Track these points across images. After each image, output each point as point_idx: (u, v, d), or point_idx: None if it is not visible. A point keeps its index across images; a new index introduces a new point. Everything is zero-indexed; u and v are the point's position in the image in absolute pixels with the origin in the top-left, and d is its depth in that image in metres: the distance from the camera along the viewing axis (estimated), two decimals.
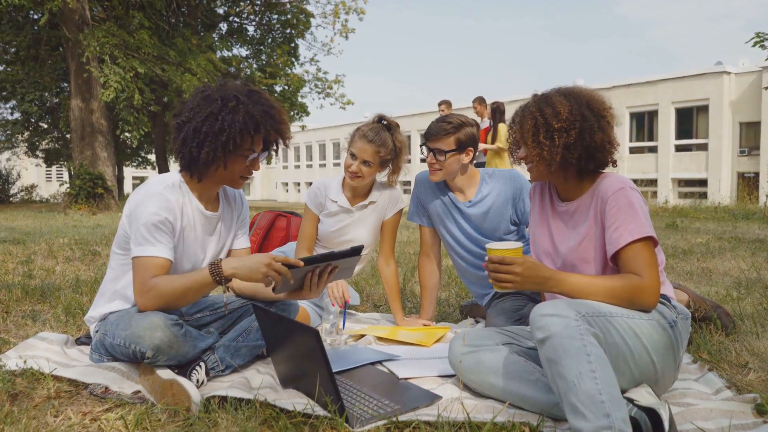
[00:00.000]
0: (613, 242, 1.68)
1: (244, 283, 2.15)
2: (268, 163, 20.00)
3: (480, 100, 8.66)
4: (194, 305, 2.16)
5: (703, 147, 23.45)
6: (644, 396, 1.59)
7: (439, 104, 9.11)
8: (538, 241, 1.96)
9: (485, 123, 8.44)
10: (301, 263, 1.86)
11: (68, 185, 14.19)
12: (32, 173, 37.40)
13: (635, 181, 24.08)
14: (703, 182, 23.40)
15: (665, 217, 9.91)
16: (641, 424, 1.49)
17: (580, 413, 1.38)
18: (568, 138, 1.71)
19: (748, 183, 21.50)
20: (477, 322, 2.89)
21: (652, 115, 24.78)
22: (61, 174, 37.26)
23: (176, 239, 2.02)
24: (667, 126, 24.16)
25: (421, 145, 2.65)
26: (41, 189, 28.57)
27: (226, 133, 1.94)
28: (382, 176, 2.78)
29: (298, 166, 44.05)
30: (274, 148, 2.12)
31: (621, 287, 1.62)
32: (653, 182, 24.20)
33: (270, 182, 48.21)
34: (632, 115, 25.35)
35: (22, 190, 22.93)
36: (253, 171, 2.09)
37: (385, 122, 2.67)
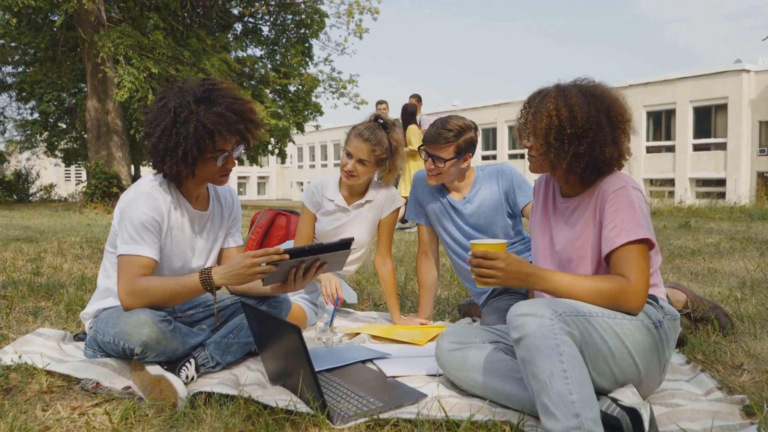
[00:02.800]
0: (609, 241, 1.63)
1: None
2: (283, 161, 20.01)
3: (418, 98, 8.56)
4: (187, 302, 2.18)
5: (722, 146, 23.13)
6: (628, 396, 1.59)
7: (378, 104, 8.87)
8: (538, 237, 1.91)
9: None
10: (282, 252, 1.86)
11: (85, 184, 14.38)
12: (51, 173, 37.98)
13: (652, 180, 23.84)
14: (721, 182, 23.08)
15: (679, 217, 9.80)
16: (622, 423, 1.49)
17: (551, 413, 1.38)
18: (578, 147, 1.65)
19: (766, 183, 21.16)
20: (473, 320, 2.88)
21: (670, 113, 24.50)
22: (80, 173, 37.78)
23: (164, 238, 2.05)
24: (684, 125, 23.87)
25: (419, 148, 2.65)
26: (60, 188, 29.00)
27: (182, 147, 1.93)
28: (378, 175, 2.79)
29: (312, 166, 44.23)
30: (246, 143, 2.06)
31: (605, 289, 1.59)
32: (670, 182, 23.92)
33: (285, 182, 48.46)
34: (649, 114, 25.08)
35: (41, 190, 23.30)
36: (231, 167, 2.08)
37: (381, 121, 2.68)
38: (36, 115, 19.79)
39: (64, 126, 20.50)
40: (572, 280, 1.63)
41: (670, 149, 24.50)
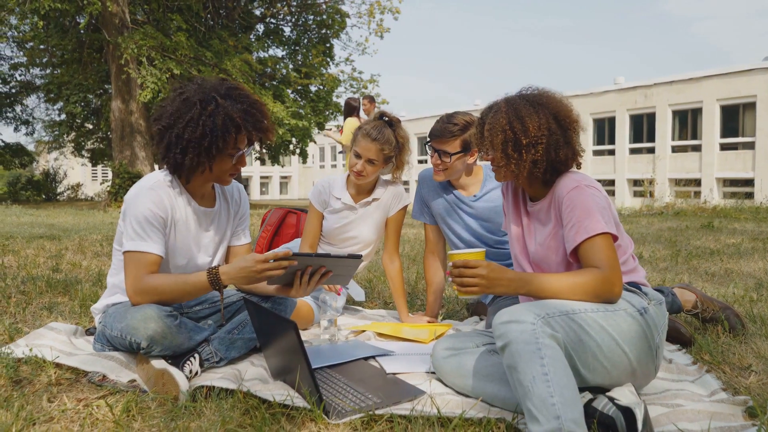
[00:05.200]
0: (570, 240, 1.70)
1: None
2: (304, 161, 20.05)
3: (370, 99, 8.59)
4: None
5: (750, 145, 22.64)
6: (626, 395, 1.58)
7: (363, 98, 8.80)
8: (514, 240, 1.97)
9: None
10: (291, 254, 1.88)
11: (109, 184, 14.66)
12: (78, 172, 38.74)
13: (677, 180, 23.44)
14: (749, 182, 22.59)
15: (703, 217, 9.63)
16: (617, 423, 1.48)
17: (534, 417, 1.39)
18: (535, 154, 1.75)
19: None
20: (481, 319, 2.88)
21: (696, 112, 24.05)
22: (106, 173, 38.45)
23: (168, 234, 2.07)
24: (711, 124, 23.42)
25: (425, 144, 2.66)
26: (87, 188, 29.59)
27: (208, 138, 1.95)
28: (386, 173, 2.80)
29: (334, 166, 44.40)
30: (259, 144, 2.11)
31: (584, 282, 1.62)
32: (697, 182, 23.48)
33: (307, 181, 48.73)
34: (675, 113, 24.66)
35: (68, 189, 23.80)
36: (242, 166, 2.11)
37: (387, 118, 2.69)
38: (63, 116, 20.22)
39: (91, 126, 20.90)
40: (553, 279, 1.65)
41: (696, 149, 24.06)
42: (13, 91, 21.86)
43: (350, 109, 7.91)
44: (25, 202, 18.53)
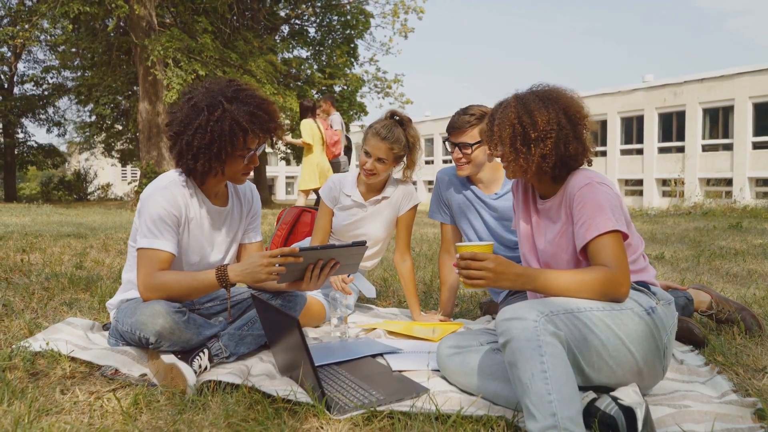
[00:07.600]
0: (580, 237, 1.68)
1: None
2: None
3: (327, 99, 8.61)
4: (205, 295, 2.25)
5: None
6: (629, 395, 1.57)
7: (324, 101, 8.71)
8: (523, 237, 1.97)
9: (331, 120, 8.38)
10: (297, 251, 1.91)
11: (137, 184, 14.92)
12: (108, 173, 39.49)
13: (708, 180, 22.96)
14: None
15: (732, 217, 9.43)
16: (618, 422, 1.47)
17: (531, 414, 1.39)
18: (544, 148, 1.73)
19: None
20: (493, 318, 2.87)
21: (728, 110, 23.51)
22: (136, 173, 39.15)
23: (181, 233, 2.11)
24: (743, 122, 22.86)
25: (444, 141, 2.66)
26: (117, 187, 30.18)
27: (216, 144, 1.99)
28: (397, 171, 2.81)
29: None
30: (271, 143, 2.16)
31: (591, 280, 1.60)
32: (728, 181, 22.96)
33: None
34: (705, 111, 24.14)
35: (98, 189, 24.32)
36: (254, 166, 2.15)
37: (398, 118, 2.70)
38: (93, 118, 20.68)
39: (120, 127, 21.34)
40: (560, 276, 1.64)
41: (728, 147, 23.53)
42: (46, 93, 22.48)
43: (305, 110, 8.05)
44: (56, 202, 18.97)
